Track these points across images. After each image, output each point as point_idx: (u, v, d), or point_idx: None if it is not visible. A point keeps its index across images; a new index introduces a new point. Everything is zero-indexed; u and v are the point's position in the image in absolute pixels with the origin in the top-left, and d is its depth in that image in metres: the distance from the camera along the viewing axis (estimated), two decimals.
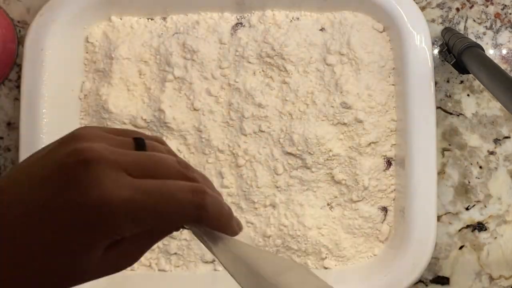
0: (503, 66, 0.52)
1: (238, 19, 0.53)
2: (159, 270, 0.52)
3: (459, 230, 0.52)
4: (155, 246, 0.52)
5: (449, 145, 0.52)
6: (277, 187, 0.51)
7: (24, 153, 0.49)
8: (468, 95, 0.52)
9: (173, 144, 0.52)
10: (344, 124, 0.51)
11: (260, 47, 0.51)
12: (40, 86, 0.50)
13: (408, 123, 0.48)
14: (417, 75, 0.48)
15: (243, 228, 0.26)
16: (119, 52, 0.53)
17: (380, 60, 0.51)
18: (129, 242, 0.24)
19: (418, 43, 0.48)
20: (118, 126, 0.53)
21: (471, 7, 0.53)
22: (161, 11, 0.54)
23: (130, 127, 0.52)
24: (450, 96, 0.53)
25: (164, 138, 0.52)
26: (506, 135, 0.52)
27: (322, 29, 0.52)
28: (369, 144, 0.51)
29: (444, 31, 0.52)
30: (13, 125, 0.54)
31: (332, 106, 0.51)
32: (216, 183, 0.51)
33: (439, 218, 0.52)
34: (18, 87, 0.53)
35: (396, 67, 0.51)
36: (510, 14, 0.52)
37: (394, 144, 0.52)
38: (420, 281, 0.52)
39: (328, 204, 0.51)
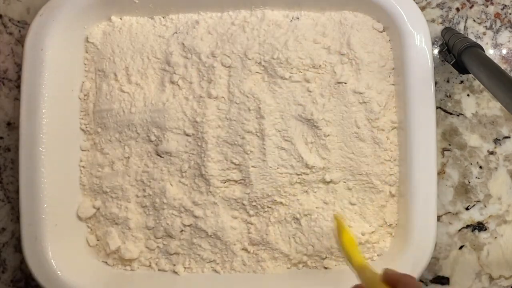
0: (503, 66, 0.52)
1: (238, 18, 0.53)
2: (159, 270, 0.52)
3: (459, 230, 0.52)
4: (155, 246, 0.52)
5: (449, 145, 0.52)
6: (278, 190, 0.51)
7: (24, 153, 0.49)
8: (468, 95, 0.52)
9: (173, 143, 0.52)
10: None
11: (260, 47, 0.51)
12: (40, 86, 0.50)
13: (408, 123, 0.48)
14: (417, 75, 0.48)
15: None
16: (119, 51, 0.53)
17: (380, 60, 0.51)
18: None
19: (418, 43, 0.48)
20: (117, 126, 0.53)
21: (471, 7, 0.53)
22: (161, 11, 0.54)
23: (130, 127, 0.52)
24: (450, 96, 0.53)
25: (164, 138, 0.52)
26: (506, 135, 0.52)
27: (322, 29, 0.52)
28: None
29: (444, 31, 0.52)
30: (13, 125, 0.54)
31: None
32: (223, 176, 0.51)
33: (439, 218, 0.52)
34: (18, 87, 0.53)
35: (396, 67, 0.51)
36: (510, 14, 0.52)
37: None
38: (420, 281, 0.52)
39: (326, 203, 0.51)
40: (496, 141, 0.52)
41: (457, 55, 0.46)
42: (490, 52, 0.52)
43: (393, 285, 0.35)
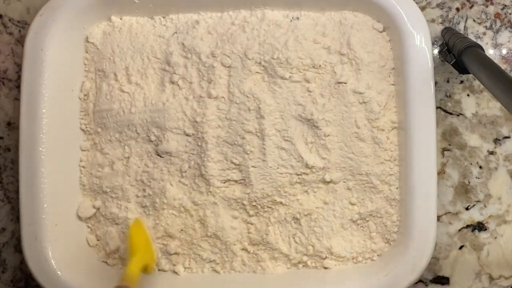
0: (503, 66, 0.52)
1: (238, 18, 0.53)
2: (159, 270, 0.52)
3: (459, 230, 0.52)
4: (155, 246, 0.52)
5: (449, 145, 0.52)
6: (278, 190, 0.51)
7: (24, 153, 0.49)
8: (468, 95, 0.52)
9: (173, 143, 0.52)
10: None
11: (260, 47, 0.51)
12: (40, 86, 0.50)
13: (408, 123, 0.48)
14: (417, 75, 0.48)
15: None
16: (119, 51, 0.53)
17: (380, 60, 0.51)
18: None
19: (418, 43, 0.48)
20: (117, 126, 0.53)
21: (471, 7, 0.53)
22: (161, 11, 0.54)
23: (130, 127, 0.52)
24: (450, 96, 0.53)
25: (164, 138, 0.52)
26: (506, 135, 0.52)
27: (322, 29, 0.52)
28: None
29: (444, 31, 0.52)
30: (13, 125, 0.54)
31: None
32: (223, 176, 0.51)
33: (439, 218, 0.52)
34: (18, 87, 0.53)
35: (396, 67, 0.51)
36: (510, 14, 0.52)
37: None
38: (420, 281, 0.52)
39: (326, 203, 0.52)
40: (496, 141, 0.52)
41: (457, 55, 0.46)
42: (490, 52, 0.52)
43: None
